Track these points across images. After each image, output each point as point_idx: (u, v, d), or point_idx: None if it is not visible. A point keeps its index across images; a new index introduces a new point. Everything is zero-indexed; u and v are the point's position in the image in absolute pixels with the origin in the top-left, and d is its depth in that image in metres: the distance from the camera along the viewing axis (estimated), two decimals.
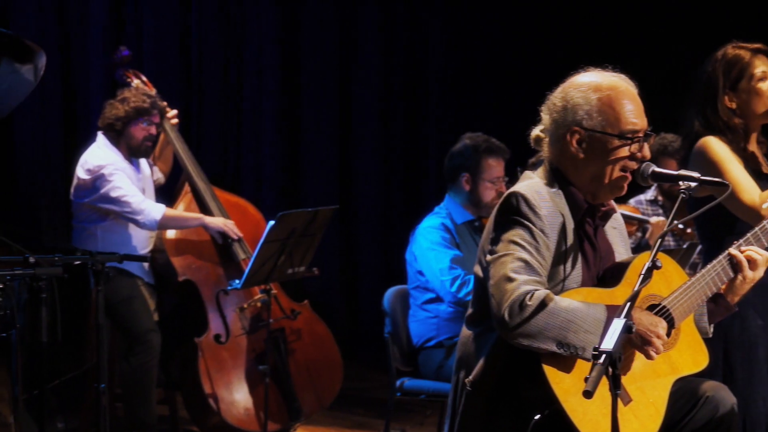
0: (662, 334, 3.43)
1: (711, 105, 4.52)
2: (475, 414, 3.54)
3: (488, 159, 5.79)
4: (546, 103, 3.67)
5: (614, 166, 3.57)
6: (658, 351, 3.43)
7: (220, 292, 6.04)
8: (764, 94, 4.47)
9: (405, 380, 5.65)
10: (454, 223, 5.75)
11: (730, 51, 4.54)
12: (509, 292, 3.36)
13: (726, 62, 4.52)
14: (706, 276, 3.64)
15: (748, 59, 4.49)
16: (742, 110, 4.50)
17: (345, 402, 7.44)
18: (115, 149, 6.07)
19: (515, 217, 3.49)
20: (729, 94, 4.51)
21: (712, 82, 4.53)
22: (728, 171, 4.37)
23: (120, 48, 6.50)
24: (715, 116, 4.50)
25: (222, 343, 6.01)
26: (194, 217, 6.07)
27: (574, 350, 3.34)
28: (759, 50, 4.53)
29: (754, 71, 4.48)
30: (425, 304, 5.68)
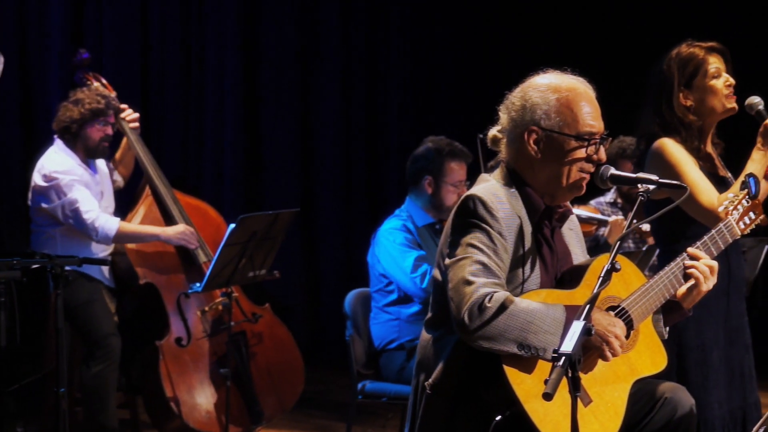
0: (620, 335, 3.45)
1: (666, 103, 4.53)
2: (435, 417, 3.55)
3: (451, 162, 5.80)
4: (504, 103, 3.68)
5: (571, 167, 3.58)
6: (615, 352, 3.44)
7: (181, 295, 6.02)
8: (719, 91, 4.49)
9: (366, 383, 5.65)
10: (415, 225, 5.75)
11: (684, 49, 4.56)
12: (468, 295, 3.36)
13: (681, 60, 4.54)
14: (664, 278, 3.66)
15: (702, 56, 4.52)
16: (697, 108, 4.52)
17: (306, 405, 7.43)
18: (71, 153, 6.02)
19: (473, 220, 3.49)
20: (684, 92, 4.53)
21: (667, 80, 4.54)
22: (686, 173, 4.39)
23: (79, 50, 6.46)
24: (670, 114, 4.51)
25: (183, 346, 5.99)
26: (150, 233, 6.01)
27: (535, 351, 3.35)
28: (713, 48, 4.55)
29: (708, 68, 4.50)
30: (387, 306, 5.69)
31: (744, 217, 3.92)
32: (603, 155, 3.62)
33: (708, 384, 4.46)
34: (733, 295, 4.58)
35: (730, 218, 3.88)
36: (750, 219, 3.94)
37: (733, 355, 4.56)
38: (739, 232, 3.89)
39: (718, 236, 3.82)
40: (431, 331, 3.65)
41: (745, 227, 3.92)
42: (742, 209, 3.92)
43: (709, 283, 3.66)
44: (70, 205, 5.87)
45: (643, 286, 3.63)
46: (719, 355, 4.51)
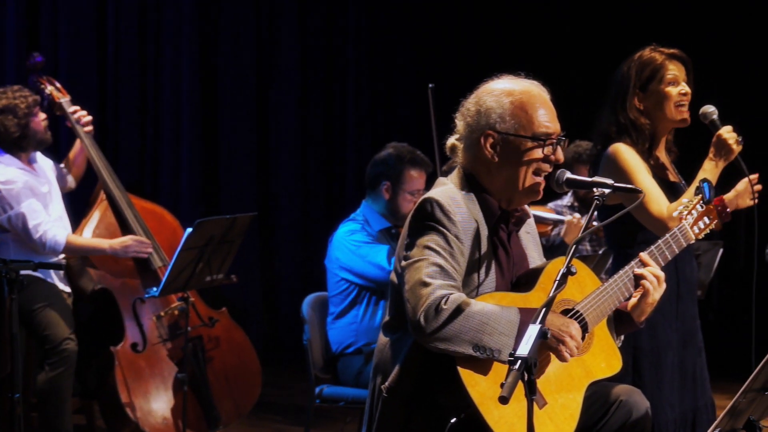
0: (575, 335, 3.46)
1: (621, 103, 4.57)
2: (391, 420, 3.55)
3: (411, 170, 5.79)
4: (460, 110, 3.70)
5: (528, 168, 3.60)
6: (572, 352, 3.46)
7: (137, 300, 5.98)
8: (672, 98, 4.52)
9: (324, 387, 5.65)
10: (372, 229, 5.75)
11: (646, 53, 4.60)
12: (424, 297, 3.37)
13: (640, 63, 4.57)
14: (618, 282, 3.68)
15: (660, 61, 4.55)
16: (650, 112, 4.55)
17: (264, 409, 7.42)
18: (12, 159, 5.92)
19: (429, 222, 3.50)
20: (639, 95, 4.55)
21: (624, 81, 4.58)
22: (637, 180, 4.41)
23: (33, 54, 6.40)
24: (624, 115, 4.54)
25: (139, 351, 5.96)
26: (97, 246, 5.95)
27: (490, 353, 3.36)
28: (674, 55, 4.58)
29: (665, 74, 4.52)
30: (344, 310, 5.68)
31: (698, 222, 3.96)
32: (560, 155, 3.64)
33: (662, 386, 4.50)
34: (685, 298, 4.61)
35: (685, 223, 3.91)
36: (704, 224, 3.97)
37: (686, 358, 4.60)
38: (693, 237, 3.92)
39: (672, 240, 3.85)
40: (388, 334, 3.66)
41: (699, 232, 3.95)
42: (696, 214, 3.95)
43: (657, 293, 3.67)
44: (17, 218, 5.80)
45: (598, 290, 3.65)
46: (673, 358, 4.54)
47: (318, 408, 5.71)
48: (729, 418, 3.64)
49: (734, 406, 3.60)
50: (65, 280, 6.05)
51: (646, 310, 3.69)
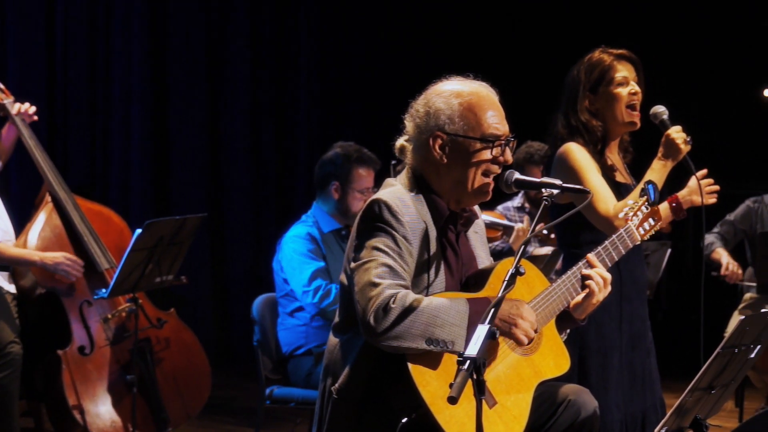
0: (527, 316, 3.48)
1: (572, 106, 4.59)
2: (341, 421, 3.54)
3: (359, 169, 5.80)
4: (409, 111, 3.70)
5: (477, 170, 3.61)
6: (527, 333, 3.47)
7: (84, 302, 5.93)
8: (622, 100, 4.54)
9: (274, 388, 5.65)
10: (321, 231, 5.74)
11: (595, 55, 4.61)
12: (374, 297, 3.37)
13: (589, 65, 4.59)
14: (566, 282, 3.70)
15: (609, 63, 4.56)
16: (601, 114, 4.57)
17: (214, 411, 7.40)
18: None
19: (378, 224, 3.50)
20: (589, 97, 4.57)
21: (574, 84, 4.60)
22: (587, 180, 4.43)
23: None
24: (575, 117, 4.56)
25: (86, 354, 5.91)
26: (29, 258, 5.85)
27: (443, 345, 3.37)
28: (623, 56, 4.60)
29: (614, 75, 4.54)
30: (294, 312, 5.68)
31: (644, 223, 3.98)
32: (509, 157, 3.65)
33: (608, 387, 4.52)
34: (634, 299, 4.64)
35: (630, 224, 3.93)
36: (649, 225, 4.00)
37: (635, 359, 4.63)
38: (639, 238, 3.95)
39: (618, 241, 3.88)
40: (338, 335, 3.65)
41: (644, 233, 3.97)
42: (642, 216, 3.97)
43: (602, 294, 3.70)
44: None
45: (546, 290, 3.67)
46: (620, 359, 4.57)
47: (268, 409, 5.71)
48: (676, 417, 3.68)
49: (681, 405, 3.63)
50: (11, 282, 5.98)
51: (588, 309, 3.73)
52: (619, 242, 3.87)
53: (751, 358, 3.83)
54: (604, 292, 3.70)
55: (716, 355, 3.58)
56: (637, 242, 3.94)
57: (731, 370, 3.75)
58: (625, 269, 4.54)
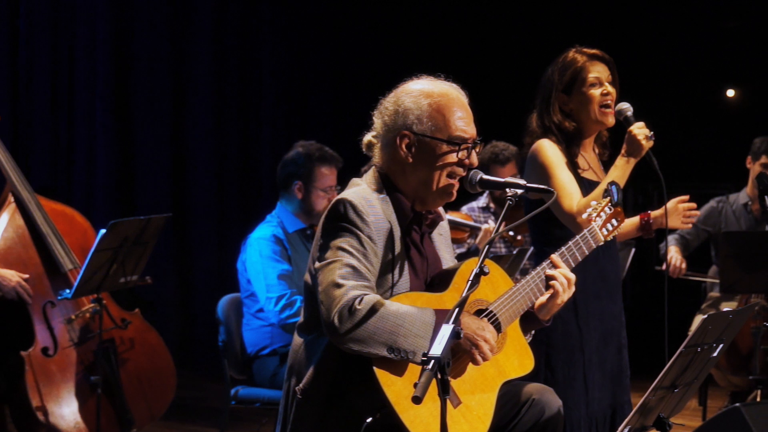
0: (489, 339, 3.49)
1: (545, 106, 4.62)
2: (306, 421, 3.54)
3: (321, 167, 5.79)
4: (378, 108, 3.71)
5: (442, 171, 3.62)
6: (485, 356, 3.48)
7: (47, 303, 5.89)
8: (594, 100, 4.56)
9: (239, 389, 5.64)
10: (286, 231, 5.73)
11: (569, 55, 4.63)
12: (338, 298, 3.37)
13: (563, 65, 4.62)
14: (531, 282, 3.71)
15: (582, 63, 4.58)
16: (575, 114, 4.60)
17: (179, 412, 7.37)
18: None
19: (343, 223, 3.50)
20: (562, 98, 4.60)
21: (548, 85, 4.63)
22: (555, 176, 4.46)
23: None
24: (548, 117, 4.59)
25: (50, 356, 5.87)
26: None
27: (405, 354, 3.37)
28: (595, 56, 4.62)
29: (587, 76, 4.56)
30: (258, 312, 5.66)
31: (607, 224, 4.00)
32: (474, 160, 3.67)
33: (575, 384, 4.55)
34: (605, 298, 4.67)
35: (594, 224, 3.95)
36: (612, 225, 4.02)
37: (606, 356, 4.66)
38: (602, 239, 3.96)
39: (582, 242, 3.89)
40: (303, 335, 3.65)
41: (608, 233, 3.99)
42: (605, 216, 3.99)
43: (566, 294, 3.71)
44: None
45: (511, 290, 3.68)
46: (588, 356, 4.59)
47: (233, 409, 5.70)
48: (639, 416, 3.69)
49: (644, 404, 3.64)
50: None
51: (552, 310, 3.74)
52: (582, 243, 3.89)
53: (713, 356, 3.85)
54: (569, 292, 3.71)
55: (679, 354, 3.60)
56: (600, 243, 3.95)
57: (694, 368, 3.77)
58: (594, 268, 4.57)
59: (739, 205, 7.35)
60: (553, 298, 3.69)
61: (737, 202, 7.37)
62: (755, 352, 6.72)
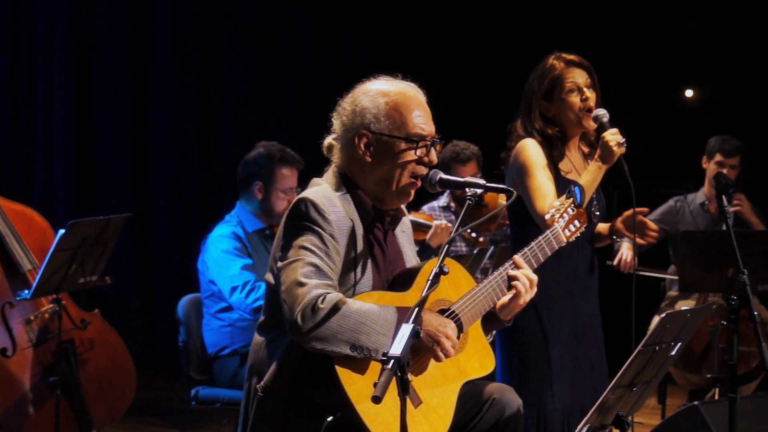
0: (451, 335, 3.50)
1: (527, 114, 4.68)
2: (267, 420, 3.55)
3: (282, 169, 5.79)
4: (336, 109, 3.72)
5: (402, 170, 3.63)
6: (447, 352, 3.49)
7: (6, 304, 5.85)
8: (573, 106, 4.62)
9: (200, 389, 5.62)
10: (245, 231, 5.72)
11: (548, 62, 4.70)
12: (301, 297, 3.37)
13: (542, 72, 4.68)
14: (493, 282, 3.73)
15: (560, 71, 4.65)
16: (557, 119, 4.67)
17: (140, 412, 7.35)
18: None
19: (304, 222, 3.51)
20: (543, 105, 4.67)
21: (529, 92, 4.70)
22: (533, 176, 4.54)
23: None
24: (530, 124, 4.65)
25: (8, 357, 5.83)
26: None
27: (368, 352, 3.38)
28: (573, 62, 4.68)
29: (564, 83, 4.63)
30: (219, 312, 5.65)
31: (569, 225, 4.02)
32: (434, 157, 3.68)
33: (548, 380, 4.61)
34: (577, 295, 4.73)
35: (557, 225, 3.97)
36: (575, 227, 4.03)
37: (580, 353, 4.71)
38: (564, 240, 3.98)
39: (544, 243, 3.91)
40: (263, 334, 3.65)
41: (570, 234, 4.01)
42: (568, 217, 4.01)
43: (528, 295, 3.73)
44: None
45: (473, 290, 3.69)
46: (561, 352, 4.64)
47: (194, 410, 5.68)
48: (598, 414, 3.71)
49: (603, 402, 3.67)
50: None
51: (514, 310, 3.75)
52: (545, 243, 3.91)
53: (672, 355, 3.88)
54: (531, 293, 3.73)
55: (637, 353, 3.63)
56: (563, 243, 3.96)
57: (652, 367, 3.80)
58: (566, 266, 4.65)
59: (697, 204, 7.41)
60: (515, 299, 3.71)
61: (695, 201, 7.43)
62: (713, 351, 6.78)
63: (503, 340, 4.70)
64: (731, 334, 4.46)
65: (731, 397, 4.43)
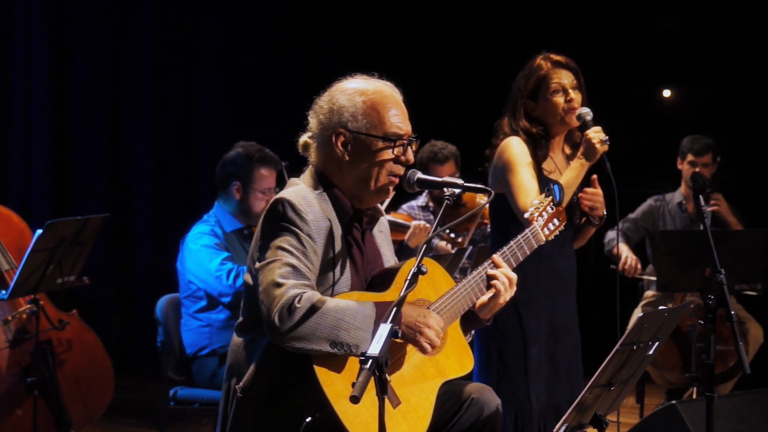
0: (433, 324, 3.50)
1: (512, 113, 4.73)
2: (246, 420, 3.54)
3: (260, 169, 5.78)
4: (313, 108, 3.72)
5: (380, 169, 3.64)
6: (431, 341, 3.49)
7: None
8: (559, 107, 4.67)
9: (178, 389, 5.61)
10: (223, 230, 5.72)
11: (536, 62, 4.75)
12: (278, 297, 3.37)
13: (528, 72, 4.73)
14: (471, 282, 3.73)
15: (546, 71, 4.69)
16: (541, 118, 4.71)
17: (118, 413, 7.33)
18: None
19: (282, 223, 3.51)
20: (529, 104, 4.71)
21: (516, 90, 4.74)
22: (516, 173, 4.58)
23: None
24: (515, 123, 4.68)
25: None
26: None
27: (348, 348, 3.38)
28: (559, 63, 4.72)
29: (550, 84, 4.67)
30: (197, 312, 5.64)
31: (548, 224, 4.02)
32: (410, 156, 3.69)
33: (526, 378, 4.63)
34: (557, 295, 4.76)
35: (536, 224, 3.98)
36: (554, 225, 4.04)
37: (558, 352, 4.75)
38: (543, 238, 3.98)
39: (523, 241, 3.91)
40: (242, 335, 3.65)
41: (549, 233, 4.02)
42: (547, 216, 4.02)
43: (508, 294, 3.73)
44: None
45: (452, 290, 3.69)
46: (539, 351, 4.67)
47: (173, 410, 5.67)
48: (576, 414, 3.72)
49: (581, 402, 3.68)
50: None
51: (494, 309, 3.75)
52: (524, 242, 3.91)
53: (649, 354, 3.89)
54: (510, 291, 3.73)
55: (615, 352, 3.64)
56: (541, 242, 3.97)
57: (630, 366, 3.81)
58: (546, 265, 4.68)
59: (674, 204, 7.45)
60: (495, 298, 3.71)
61: (672, 201, 7.47)
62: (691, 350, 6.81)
63: (482, 339, 4.71)
64: (708, 333, 4.47)
65: (709, 396, 4.45)
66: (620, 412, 4.69)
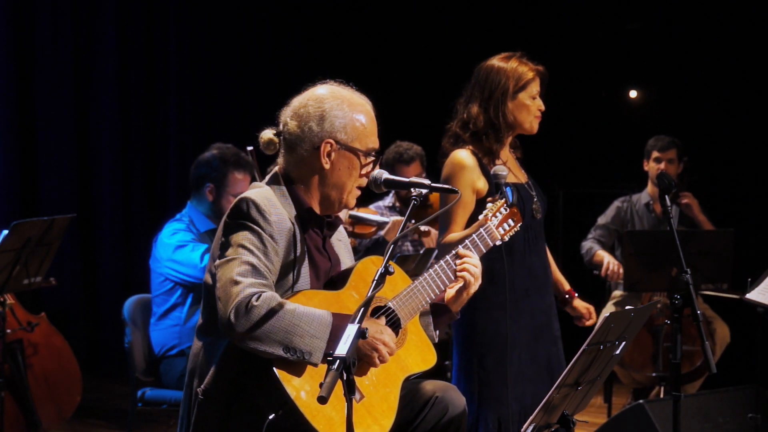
0: (388, 341, 3.53)
1: (495, 106, 4.75)
2: (208, 423, 3.52)
3: (235, 173, 5.77)
4: (297, 110, 3.69)
5: (354, 181, 3.69)
6: (384, 358, 3.52)
7: None
8: (532, 111, 4.77)
9: (146, 390, 5.59)
10: (197, 230, 5.71)
11: (520, 65, 4.80)
12: (235, 295, 3.36)
13: (516, 73, 4.78)
14: (429, 279, 3.75)
15: (532, 77, 4.78)
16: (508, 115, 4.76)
17: (87, 414, 7.31)
18: None
19: (244, 221, 3.51)
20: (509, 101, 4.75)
21: (496, 85, 4.78)
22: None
23: None
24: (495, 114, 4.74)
25: None
26: None
27: (300, 355, 3.37)
28: (540, 72, 4.81)
29: (532, 88, 4.78)
30: (167, 312, 5.63)
31: (503, 224, 4.06)
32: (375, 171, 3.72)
33: (506, 381, 4.65)
34: (534, 294, 4.78)
35: (490, 224, 4.01)
36: (509, 225, 4.08)
37: (539, 350, 4.78)
38: (498, 237, 4.02)
39: (478, 240, 3.95)
40: (203, 338, 3.62)
41: (504, 233, 4.05)
42: (501, 216, 4.05)
43: (477, 284, 3.77)
44: None
45: (410, 287, 3.72)
46: (520, 354, 4.69)
47: (140, 411, 5.66)
48: (543, 413, 3.74)
49: (548, 402, 3.69)
50: None
51: (463, 301, 3.79)
52: (479, 241, 3.94)
53: (616, 354, 3.92)
54: (478, 282, 3.77)
55: (582, 352, 3.66)
56: (497, 241, 4.00)
57: (597, 366, 3.84)
58: (521, 265, 4.70)
59: (642, 205, 7.49)
60: (466, 289, 3.75)
61: (639, 202, 7.51)
62: (658, 350, 6.85)
63: (461, 345, 4.74)
64: (675, 332, 4.50)
65: (675, 395, 4.48)
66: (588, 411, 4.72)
